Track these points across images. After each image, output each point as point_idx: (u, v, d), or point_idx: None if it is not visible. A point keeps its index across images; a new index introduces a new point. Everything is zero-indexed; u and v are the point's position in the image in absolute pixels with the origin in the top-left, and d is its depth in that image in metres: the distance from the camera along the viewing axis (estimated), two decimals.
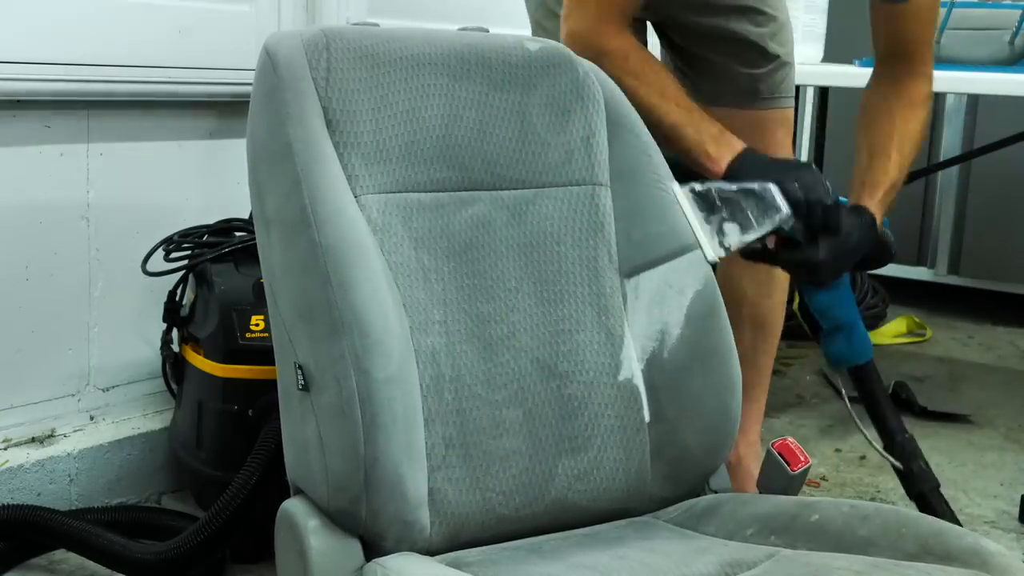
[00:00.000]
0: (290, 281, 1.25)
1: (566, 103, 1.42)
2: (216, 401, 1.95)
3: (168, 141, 2.22)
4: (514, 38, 1.44)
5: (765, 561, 1.21)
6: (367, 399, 1.17)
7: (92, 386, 2.17)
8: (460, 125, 1.36)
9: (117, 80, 2.07)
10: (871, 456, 2.58)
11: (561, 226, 1.39)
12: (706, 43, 1.93)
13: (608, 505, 1.35)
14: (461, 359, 1.28)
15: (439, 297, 1.29)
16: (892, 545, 1.20)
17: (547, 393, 1.32)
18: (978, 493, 2.41)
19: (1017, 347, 3.67)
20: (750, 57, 1.94)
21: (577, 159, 1.42)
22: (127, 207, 2.16)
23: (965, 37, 2.67)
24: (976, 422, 2.88)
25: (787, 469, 1.36)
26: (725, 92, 1.93)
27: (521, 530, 1.30)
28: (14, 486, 1.99)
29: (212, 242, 2.06)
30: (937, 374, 3.31)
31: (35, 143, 2.02)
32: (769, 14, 1.94)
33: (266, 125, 1.29)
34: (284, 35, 1.33)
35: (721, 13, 1.91)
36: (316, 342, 1.21)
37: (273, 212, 1.27)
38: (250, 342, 1.92)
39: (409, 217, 1.30)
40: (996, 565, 1.13)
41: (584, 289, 1.38)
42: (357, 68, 1.31)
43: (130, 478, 2.16)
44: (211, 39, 2.21)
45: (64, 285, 2.09)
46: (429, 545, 1.22)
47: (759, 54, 1.94)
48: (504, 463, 1.28)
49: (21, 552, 1.89)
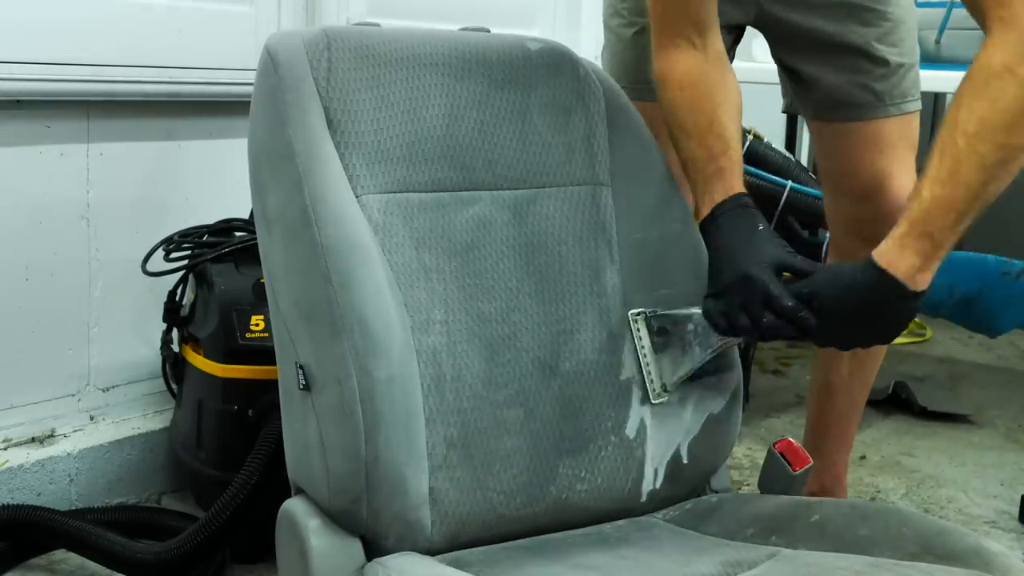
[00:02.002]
0: (291, 281, 1.25)
1: (567, 103, 1.42)
2: (216, 401, 1.95)
3: (168, 141, 2.22)
4: (515, 38, 1.44)
5: (766, 561, 1.21)
6: (368, 399, 1.17)
7: (92, 386, 2.17)
8: (461, 125, 1.36)
9: (117, 80, 2.07)
10: (871, 456, 2.59)
11: (562, 226, 1.39)
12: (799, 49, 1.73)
13: (609, 505, 1.35)
14: (462, 359, 1.28)
15: (440, 297, 1.29)
16: (893, 545, 1.19)
17: (548, 393, 1.32)
18: (978, 493, 2.41)
19: (1017, 347, 3.67)
20: (852, 63, 1.70)
21: (578, 159, 1.42)
22: (127, 207, 2.16)
23: (965, 37, 2.67)
24: (976, 422, 2.88)
25: (789, 469, 1.36)
26: (828, 105, 1.75)
27: (522, 530, 1.30)
28: (14, 486, 1.99)
29: (212, 242, 2.06)
30: (937, 374, 3.31)
31: (35, 143, 2.02)
32: (880, 11, 1.68)
33: (267, 125, 1.29)
34: (285, 35, 1.33)
35: (818, 11, 1.68)
36: (317, 342, 1.21)
37: (274, 212, 1.27)
38: (250, 342, 1.92)
39: (410, 217, 1.30)
40: (998, 565, 1.13)
41: (585, 289, 1.38)
42: (358, 68, 1.31)
43: (130, 478, 2.16)
44: (211, 39, 2.21)
45: (64, 285, 2.09)
46: (430, 545, 1.22)
47: (864, 59, 1.70)
48: (505, 463, 1.28)
49: (21, 552, 1.89)
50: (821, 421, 1.97)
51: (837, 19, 1.68)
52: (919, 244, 1.20)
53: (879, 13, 1.69)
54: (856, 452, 2.59)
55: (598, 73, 1.47)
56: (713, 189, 1.36)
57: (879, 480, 2.46)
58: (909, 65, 1.74)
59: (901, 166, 1.74)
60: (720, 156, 1.37)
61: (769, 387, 3.10)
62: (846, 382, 1.87)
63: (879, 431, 2.78)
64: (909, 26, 1.73)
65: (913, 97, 1.75)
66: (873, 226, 1.76)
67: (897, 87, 1.73)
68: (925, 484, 2.45)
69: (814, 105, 1.78)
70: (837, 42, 1.69)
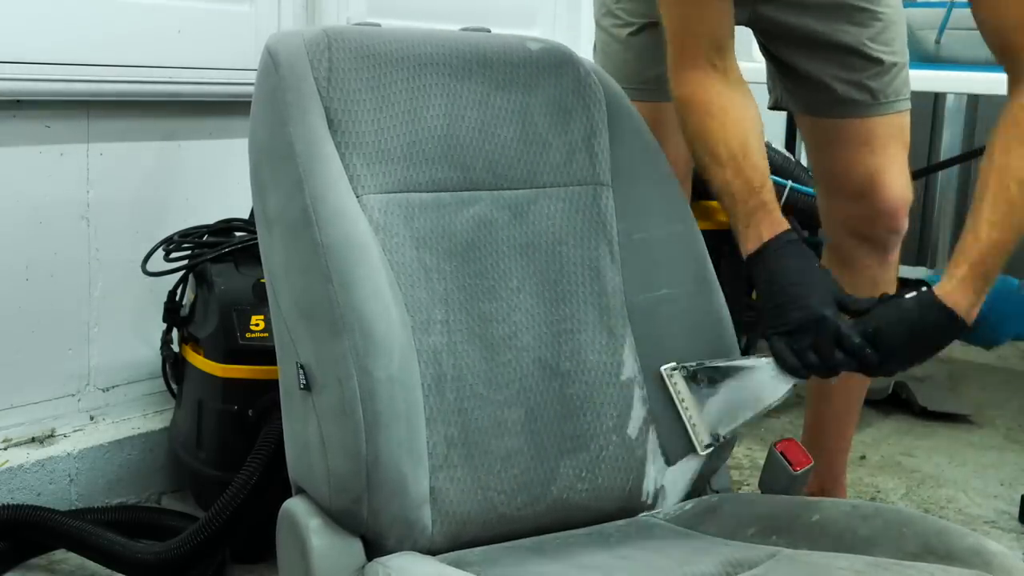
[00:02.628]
0: (292, 281, 1.25)
1: (568, 103, 1.42)
2: (216, 401, 1.95)
3: (168, 141, 2.22)
4: (516, 38, 1.44)
5: (766, 561, 1.21)
6: (369, 398, 1.17)
7: (92, 386, 2.17)
8: (461, 125, 1.36)
9: (117, 80, 2.07)
10: (871, 456, 2.59)
11: (563, 226, 1.39)
12: (793, 45, 1.75)
13: (609, 504, 1.35)
14: (463, 358, 1.28)
15: (441, 297, 1.29)
16: (893, 545, 1.20)
17: (549, 393, 1.32)
18: (978, 493, 2.41)
19: (1017, 347, 3.67)
20: (846, 61, 1.72)
21: (579, 159, 1.42)
22: (127, 207, 2.16)
23: (965, 37, 2.67)
24: (976, 422, 2.88)
25: (789, 469, 1.36)
26: (821, 102, 1.75)
27: (523, 529, 1.30)
28: (14, 486, 1.99)
29: (212, 242, 2.06)
30: (937, 374, 3.31)
31: (35, 143, 2.02)
32: (872, 11, 1.71)
33: (268, 125, 1.29)
34: (286, 35, 1.33)
35: (811, 11, 1.71)
36: (318, 342, 1.21)
37: (275, 212, 1.27)
38: (250, 342, 1.92)
39: (411, 217, 1.30)
40: (998, 565, 1.13)
41: (586, 289, 1.38)
42: (359, 68, 1.31)
43: (130, 478, 2.16)
44: (211, 39, 2.21)
45: (64, 285, 2.09)
46: (431, 544, 1.22)
47: (858, 57, 1.72)
48: (506, 462, 1.28)
49: (21, 552, 1.89)
50: (819, 421, 1.98)
51: (830, 19, 1.70)
52: (977, 284, 1.31)
53: (871, 13, 1.71)
54: (856, 452, 2.59)
55: (599, 73, 1.47)
56: (759, 223, 1.39)
57: (879, 480, 2.46)
58: (901, 65, 1.76)
59: (894, 165, 1.76)
60: (760, 189, 1.40)
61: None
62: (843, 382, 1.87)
63: (879, 431, 2.78)
64: (899, 26, 1.76)
65: (905, 96, 1.77)
66: (868, 224, 1.78)
67: (890, 85, 1.74)
68: (925, 484, 2.45)
69: (806, 101, 1.79)
70: (832, 41, 1.71)
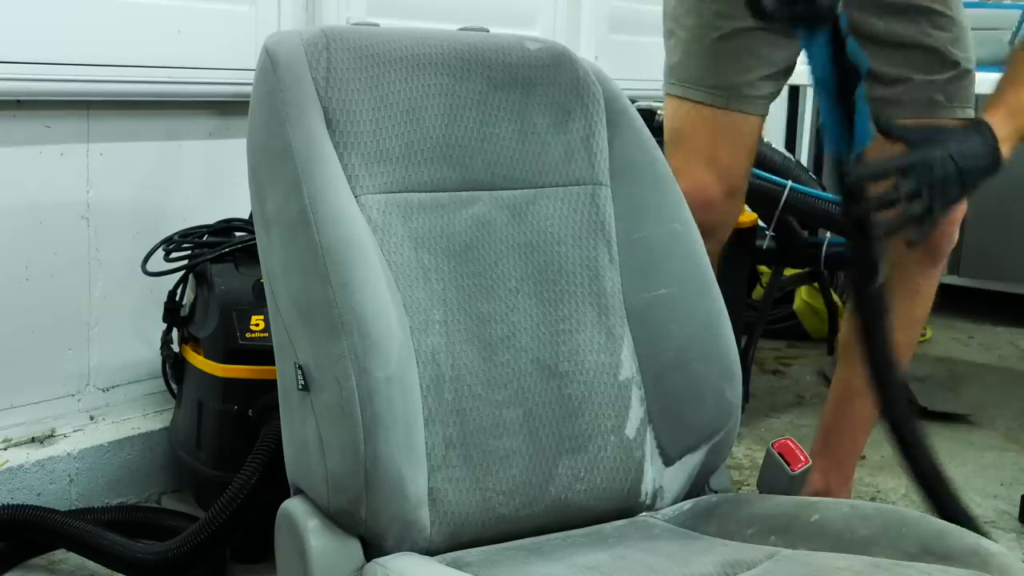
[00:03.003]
0: (290, 281, 1.25)
1: (566, 103, 1.42)
2: (216, 401, 1.95)
3: (168, 141, 2.22)
4: (514, 38, 1.44)
5: (765, 561, 1.21)
6: (367, 399, 1.17)
7: (92, 386, 2.17)
8: (460, 125, 1.36)
9: (117, 80, 2.07)
10: (871, 456, 2.59)
11: (561, 226, 1.39)
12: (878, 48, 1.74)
13: (608, 505, 1.35)
14: (461, 359, 1.28)
15: (439, 297, 1.29)
16: (892, 545, 1.19)
17: (547, 393, 1.32)
18: (978, 493, 2.41)
19: (1017, 347, 3.67)
20: (929, 62, 1.78)
21: (577, 159, 1.42)
22: (127, 207, 2.16)
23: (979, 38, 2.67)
24: (976, 422, 2.88)
25: (787, 469, 1.37)
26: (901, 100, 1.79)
27: (521, 530, 1.30)
28: (14, 486, 1.99)
29: (212, 242, 2.06)
30: (937, 374, 3.31)
31: (35, 143, 2.02)
32: (950, 16, 1.77)
33: (266, 125, 1.29)
34: (284, 35, 1.33)
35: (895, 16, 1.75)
36: (316, 342, 1.21)
37: (273, 212, 1.27)
38: (250, 342, 1.92)
39: (409, 217, 1.30)
40: (997, 565, 1.13)
41: (584, 289, 1.38)
42: (357, 68, 1.31)
43: (130, 478, 2.16)
44: (211, 39, 2.21)
45: (64, 285, 2.09)
46: (429, 545, 1.22)
47: (939, 61, 1.78)
48: (504, 463, 1.28)
49: (21, 552, 1.89)
50: (838, 422, 1.97)
51: (914, 22, 1.76)
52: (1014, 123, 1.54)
53: (950, 19, 1.77)
54: None
55: (597, 73, 1.46)
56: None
57: (879, 480, 2.46)
58: (972, 73, 1.82)
59: None
60: None
61: (769, 387, 3.10)
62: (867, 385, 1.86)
63: (879, 431, 2.77)
64: (969, 35, 1.82)
65: (970, 106, 1.83)
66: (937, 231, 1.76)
67: (963, 91, 1.81)
68: None
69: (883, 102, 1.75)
70: (917, 43, 1.76)
